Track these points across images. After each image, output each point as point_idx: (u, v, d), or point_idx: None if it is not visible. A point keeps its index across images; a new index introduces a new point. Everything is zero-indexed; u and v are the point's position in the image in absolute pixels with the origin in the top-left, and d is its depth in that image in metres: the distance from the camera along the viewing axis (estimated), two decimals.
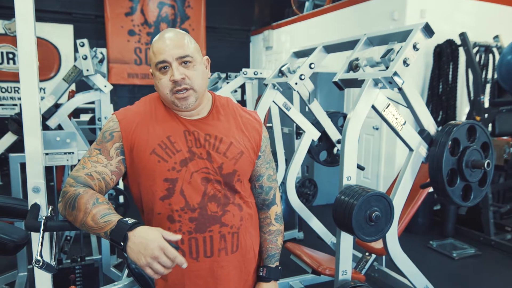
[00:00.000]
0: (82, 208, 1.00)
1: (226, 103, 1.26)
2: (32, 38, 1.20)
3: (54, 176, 2.51)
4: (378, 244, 2.37)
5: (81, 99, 3.01)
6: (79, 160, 1.19)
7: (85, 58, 2.79)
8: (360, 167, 2.74)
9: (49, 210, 1.08)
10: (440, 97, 4.23)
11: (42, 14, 5.99)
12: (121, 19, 6.54)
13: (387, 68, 1.73)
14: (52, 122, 2.86)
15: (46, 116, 2.84)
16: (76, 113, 4.86)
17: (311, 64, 2.34)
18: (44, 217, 1.02)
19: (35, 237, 1.21)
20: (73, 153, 2.14)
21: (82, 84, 3.45)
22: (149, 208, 1.18)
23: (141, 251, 0.93)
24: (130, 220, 0.98)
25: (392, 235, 1.84)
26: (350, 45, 2.14)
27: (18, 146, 2.91)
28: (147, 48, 6.78)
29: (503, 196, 4.15)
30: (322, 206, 4.77)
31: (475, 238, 3.86)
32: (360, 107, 1.68)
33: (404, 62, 1.63)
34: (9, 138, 2.79)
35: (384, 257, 2.56)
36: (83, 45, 2.77)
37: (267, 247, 1.32)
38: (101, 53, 3.22)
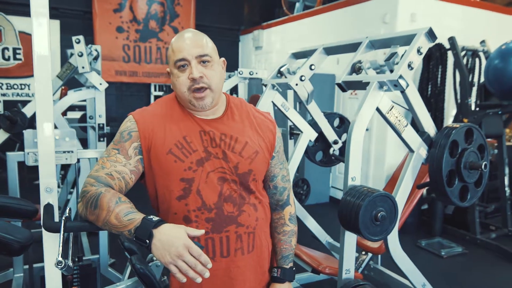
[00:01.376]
0: (105, 206, 1.00)
1: (240, 103, 1.28)
2: (46, 39, 1.19)
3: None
4: (375, 243, 2.42)
5: (75, 97, 2.97)
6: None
7: (81, 55, 2.75)
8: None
9: (67, 210, 1.07)
10: (429, 100, 4.33)
11: (29, 8, 5.85)
12: (110, 15, 6.46)
13: (391, 71, 1.77)
14: None
15: None
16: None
17: (311, 65, 2.36)
18: (64, 218, 1.01)
19: (48, 237, 1.20)
20: (72, 151, 2.11)
21: (70, 81, 3.39)
22: (165, 208, 1.18)
23: (166, 249, 0.93)
24: (155, 218, 0.98)
25: (393, 235, 1.88)
26: (351, 47, 2.17)
27: (7, 144, 2.85)
28: (136, 46, 6.71)
29: (488, 196, 4.27)
30: (312, 206, 4.82)
31: (462, 237, 3.96)
32: (365, 109, 1.71)
33: (409, 65, 1.67)
34: (1, 136, 2.74)
35: (380, 255, 2.61)
36: (79, 42, 2.73)
37: (281, 248, 1.33)
38: (96, 50, 3.18)
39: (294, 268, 1.35)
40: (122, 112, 6.70)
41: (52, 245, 1.22)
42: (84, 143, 3.50)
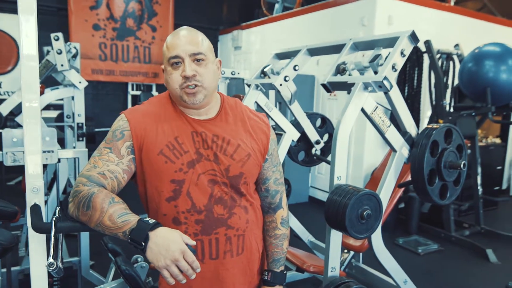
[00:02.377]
0: (98, 207, 0.98)
1: (235, 104, 1.26)
2: (34, 38, 1.16)
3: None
4: (357, 242, 2.46)
5: (53, 95, 2.89)
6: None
7: (60, 52, 2.68)
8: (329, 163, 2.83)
9: (57, 210, 1.04)
10: (405, 101, 4.42)
11: (0, 4, 5.66)
12: (86, 12, 6.31)
13: (375, 72, 1.81)
14: (22, 119, 2.72)
15: (15, 112, 2.71)
16: None
17: (295, 66, 2.39)
18: (54, 218, 0.99)
19: (34, 239, 1.17)
20: (53, 151, 2.06)
21: (46, 79, 3.30)
22: (154, 209, 1.16)
23: (162, 253, 0.92)
24: (151, 220, 0.97)
25: (377, 233, 1.92)
26: (334, 49, 2.21)
27: None
28: (113, 44, 6.59)
29: (462, 195, 4.42)
30: (292, 205, 4.86)
31: (437, 234, 4.08)
32: (350, 110, 1.75)
33: (393, 67, 1.72)
34: None
35: (361, 254, 2.66)
36: (58, 39, 2.67)
37: (272, 251, 1.32)
38: (75, 47, 3.11)
39: (285, 272, 1.34)
40: (98, 111, 6.57)
41: (38, 246, 1.19)
42: (61, 143, 3.41)
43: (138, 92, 6.93)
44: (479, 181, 4.14)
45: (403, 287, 2.06)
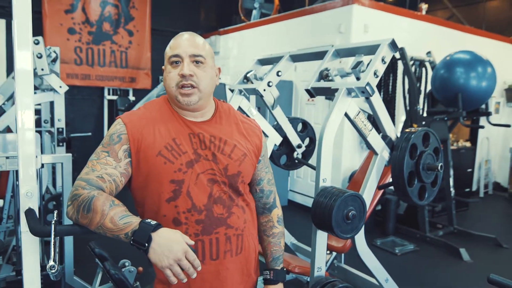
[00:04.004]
0: (99, 210, 0.99)
1: (228, 109, 1.30)
2: (30, 45, 1.17)
3: None
4: (339, 243, 2.53)
5: (34, 99, 2.84)
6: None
7: (40, 56, 2.65)
8: (313, 167, 2.89)
9: (55, 214, 1.05)
10: None
11: None
12: (61, 16, 6.19)
13: (357, 78, 1.88)
14: (0, 124, 2.67)
15: None
16: None
17: (278, 71, 2.44)
18: (53, 222, 0.99)
19: (28, 242, 1.17)
20: (36, 156, 2.03)
21: None
22: (153, 211, 1.17)
23: (165, 253, 0.94)
24: (152, 222, 0.99)
25: (360, 233, 1.99)
26: (316, 55, 2.28)
27: None
28: (89, 48, 6.48)
29: (435, 196, 4.56)
30: None
31: (413, 235, 4.22)
32: (335, 114, 1.81)
33: (375, 73, 1.80)
34: None
35: (343, 254, 2.73)
36: (38, 43, 2.63)
37: (271, 250, 1.35)
38: (55, 51, 3.06)
39: (285, 269, 1.38)
40: (73, 116, 6.43)
41: (31, 250, 1.18)
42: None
43: (115, 97, 6.83)
44: (451, 183, 4.31)
45: (384, 286, 2.13)
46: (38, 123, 3.77)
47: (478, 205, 5.64)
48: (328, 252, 2.61)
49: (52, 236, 0.97)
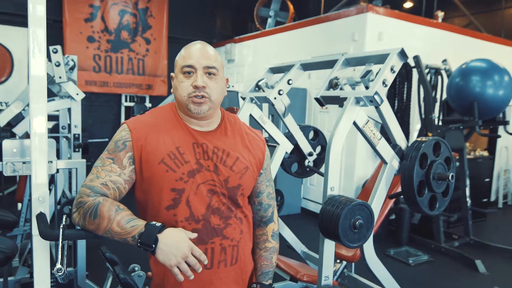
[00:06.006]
0: (106, 215, 1.02)
1: (234, 120, 1.32)
2: (44, 57, 1.21)
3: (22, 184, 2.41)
4: (349, 252, 2.51)
5: (50, 107, 2.93)
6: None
7: (58, 65, 2.73)
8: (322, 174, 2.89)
9: (64, 218, 1.09)
10: (395, 114, 4.54)
11: None
12: (80, 24, 6.37)
13: (366, 87, 1.89)
14: (19, 130, 2.76)
15: (13, 123, 2.74)
16: None
17: (289, 80, 2.46)
18: (62, 226, 1.03)
19: (38, 246, 1.21)
20: (51, 162, 2.09)
21: None
22: (152, 217, 1.18)
23: (173, 252, 0.99)
24: (157, 224, 1.03)
25: (369, 242, 1.98)
26: (327, 64, 2.29)
27: None
28: (107, 56, 6.64)
29: (451, 206, 4.50)
30: (284, 217, 4.89)
31: (427, 245, 4.15)
32: (343, 123, 1.81)
33: (383, 83, 1.79)
34: None
35: (353, 263, 2.70)
36: (56, 52, 2.71)
37: (261, 264, 1.34)
38: (73, 60, 3.15)
39: (273, 286, 1.36)
40: (91, 122, 6.58)
41: (41, 253, 1.22)
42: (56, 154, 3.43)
43: (132, 104, 6.97)
44: (467, 193, 4.23)
45: None
46: (56, 129, 3.88)
47: (496, 216, 5.52)
48: (338, 261, 2.60)
49: (60, 240, 1.01)
